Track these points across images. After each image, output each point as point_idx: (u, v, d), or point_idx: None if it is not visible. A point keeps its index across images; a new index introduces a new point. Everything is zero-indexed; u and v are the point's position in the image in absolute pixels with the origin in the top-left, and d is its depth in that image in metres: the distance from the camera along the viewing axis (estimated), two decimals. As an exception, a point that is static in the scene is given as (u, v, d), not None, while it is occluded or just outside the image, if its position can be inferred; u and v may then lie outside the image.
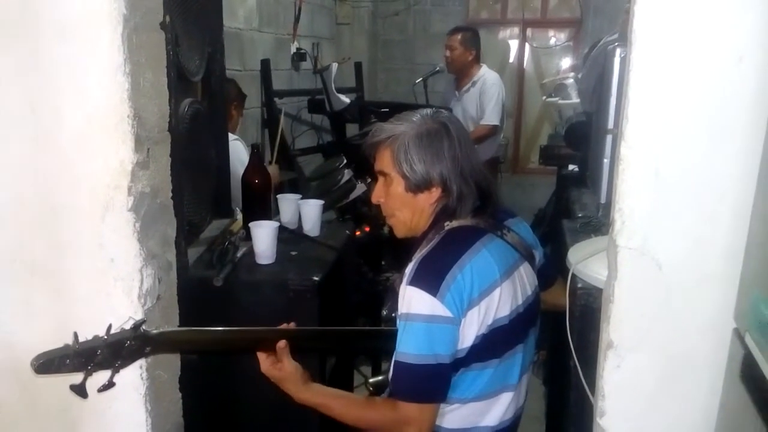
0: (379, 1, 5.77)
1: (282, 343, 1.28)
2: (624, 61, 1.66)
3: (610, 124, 1.78)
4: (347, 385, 2.24)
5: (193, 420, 1.57)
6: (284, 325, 1.33)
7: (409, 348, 1.22)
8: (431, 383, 1.23)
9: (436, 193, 1.32)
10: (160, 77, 1.36)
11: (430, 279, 1.22)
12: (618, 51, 1.73)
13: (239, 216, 2.02)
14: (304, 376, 1.31)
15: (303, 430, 1.71)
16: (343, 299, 2.11)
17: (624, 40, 1.86)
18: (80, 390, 1.12)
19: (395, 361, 1.24)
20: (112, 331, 1.15)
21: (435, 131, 1.31)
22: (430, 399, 1.24)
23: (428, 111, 1.37)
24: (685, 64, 0.99)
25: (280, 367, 1.28)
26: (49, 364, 1.09)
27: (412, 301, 1.22)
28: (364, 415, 1.29)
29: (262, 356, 1.29)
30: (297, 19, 4.14)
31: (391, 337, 1.27)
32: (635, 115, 1.01)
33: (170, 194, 1.42)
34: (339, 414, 1.30)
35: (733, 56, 0.97)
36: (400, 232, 1.40)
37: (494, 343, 1.27)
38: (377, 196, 1.38)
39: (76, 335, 1.11)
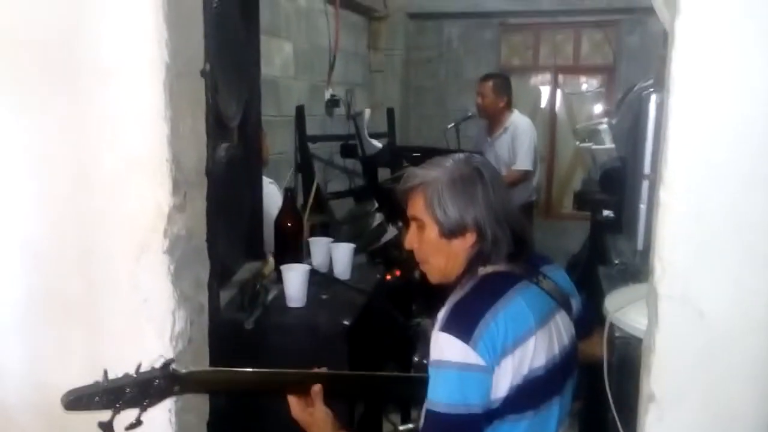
0: (411, 48, 5.88)
1: (317, 388, 1.27)
2: (660, 107, 1.65)
3: (647, 169, 1.76)
4: (376, 433, 2.19)
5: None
6: (315, 369, 1.32)
7: (440, 397, 1.18)
8: None
9: (470, 238, 1.30)
10: (198, 122, 1.40)
11: (463, 326, 1.19)
12: (654, 97, 1.72)
13: (271, 259, 2.03)
14: (335, 424, 1.29)
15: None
16: (373, 344, 2.08)
17: (659, 85, 1.85)
18: (108, 428, 1.12)
19: (426, 409, 1.21)
20: (141, 370, 1.15)
21: (468, 176, 1.30)
22: None
23: (461, 156, 1.36)
24: (724, 107, 0.97)
25: (311, 412, 1.27)
26: (78, 400, 1.10)
27: (444, 347, 1.19)
28: None
29: (293, 400, 1.28)
30: (332, 67, 4.23)
31: (422, 383, 1.24)
32: (674, 159, 0.99)
33: (205, 237, 1.44)
34: None
35: (774, 100, 0.95)
36: (434, 279, 1.37)
37: (530, 394, 1.23)
38: (410, 242, 1.36)
39: (105, 372, 1.12)
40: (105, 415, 1.12)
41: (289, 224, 1.95)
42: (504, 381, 1.20)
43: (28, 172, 1.32)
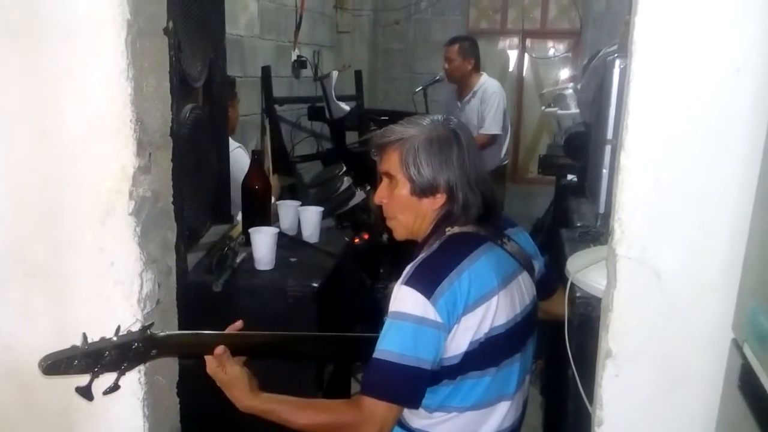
0: (379, 10, 5.80)
1: (220, 349, 1.22)
2: (623, 72, 1.67)
3: (609, 135, 1.79)
4: (345, 393, 2.24)
5: (190, 426, 1.56)
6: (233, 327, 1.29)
7: (393, 346, 1.20)
8: (408, 385, 1.21)
9: (440, 199, 1.32)
10: (162, 82, 1.37)
11: (427, 282, 1.22)
12: (617, 62, 1.74)
13: (239, 221, 2.02)
14: (252, 383, 1.25)
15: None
16: (342, 306, 2.11)
17: (623, 51, 1.87)
18: (86, 392, 1.11)
19: (375, 358, 1.21)
20: (120, 333, 1.14)
21: (445, 138, 1.31)
22: (403, 401, 1.23)
23: (439, 117, 1.37)
24: (684, 74, 1.00)
25: (226, 371, 1.23)
26: (57, 365, 1.08)
27: (405, 300, 1.21)
28: (319, 418, 1.24)
29: (208, 358, 1.24)
30: (298, 27, 4.16)
31: None
32: (635, 125, 1.02)
33: (171, 199, 1.43)
34: (292, 420, 1.23)
35: (731, 67, 0.98)
36: (399, 235, 1.39)
37: (491, 352, 1.27)
38: (380, 196, 1.38)
39: (84, 336, 1.11)
40: (77, 380, 1.11)
41: (256, 187, 1.94)
42: (464, 337, 1.23)
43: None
